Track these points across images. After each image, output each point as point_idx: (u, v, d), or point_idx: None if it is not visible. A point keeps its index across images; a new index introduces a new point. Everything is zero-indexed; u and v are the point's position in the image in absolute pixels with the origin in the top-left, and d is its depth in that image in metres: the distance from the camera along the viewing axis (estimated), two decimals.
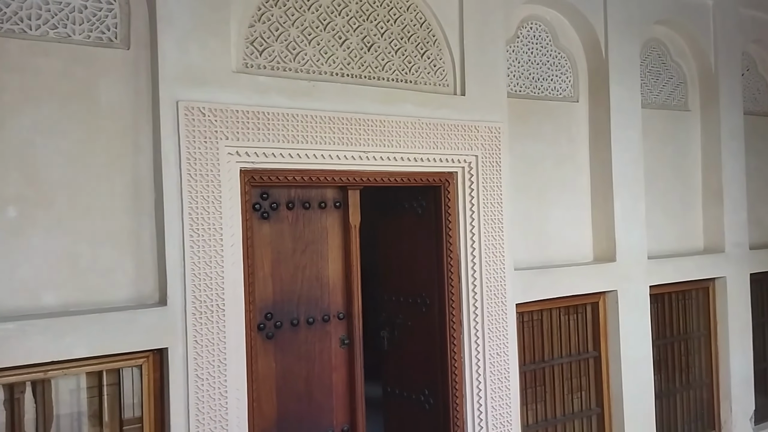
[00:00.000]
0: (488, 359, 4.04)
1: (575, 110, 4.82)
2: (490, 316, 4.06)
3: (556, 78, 4.75)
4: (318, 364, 3.71)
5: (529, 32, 4.63)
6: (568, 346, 4.75)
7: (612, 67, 4.72)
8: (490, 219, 4.08)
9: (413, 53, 3.88)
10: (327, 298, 3.74)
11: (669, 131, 5.37)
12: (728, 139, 5.44)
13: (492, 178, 4.10)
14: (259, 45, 3.36)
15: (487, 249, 4.06)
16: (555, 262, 4.66)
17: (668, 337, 5.27)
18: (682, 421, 5.33)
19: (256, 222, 3.48)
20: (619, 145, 4.75)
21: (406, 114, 3.77)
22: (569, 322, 4.77)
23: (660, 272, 5.02)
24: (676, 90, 5.45)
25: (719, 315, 5.47)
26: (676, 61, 5.42)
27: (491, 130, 4.09)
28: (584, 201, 4.85)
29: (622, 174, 4.76)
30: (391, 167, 3.78)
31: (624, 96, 4.79)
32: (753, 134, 5.81)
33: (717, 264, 5.38)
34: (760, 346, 5.80)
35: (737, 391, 5.44)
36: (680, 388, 5.33)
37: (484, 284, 4.05)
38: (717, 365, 5.47)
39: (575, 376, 4.76)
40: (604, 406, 4.79)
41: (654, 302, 5.08)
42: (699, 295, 5.47)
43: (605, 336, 4.82)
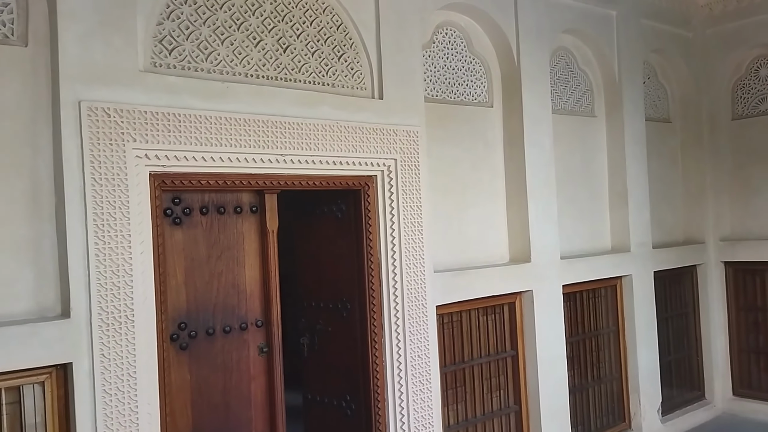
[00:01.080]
0: (410, 362, 4.06)
1: (490, 115, 4.95)
2: (411, 319, 4.08)
3: (471, 83, 4.86)
4: (236, 373, 3.60)
5: (444, 38, 4.72)
6: (486, 346, 4.85)
7: (524, 74, 4.88)
8: (409, 222, 4.11)
9: (330, 56, 3.86)
10: (244, 306, 3.64)
11: (577, 136, 5.61)
12: (631, 143, 5.75)
13: (411, 182, 4.13)
14: (168, 44, 3.24)
15: (407, 252, 4.08)
16: (473, 264, 4.75)
17: (580, 334, 5.49)
18: (595, 415, 5.56)
19: (168, 228, 3.34)
20: (532, 150, 4.92)
21: (324, 117, 3.74)
22: (488, 323, 4.87)
23: (572, 271, 5.22)
24: (584, 97, 5.71)
25: (626, 311, 5.75)
26: (583, 69, 5.68)
27: (409, 134, 4.12)
28: (500, 203, 4.99)
29: (535, 177, 4.92)
30: (310, 171, 3.73)
31: (535, 102, 4.96)
32: (654, 139, 6.17)
33: (623, 263, 5.65)
34: (665, 340, 6.14)
35: (645, 384, 5.73)
36: (592, 382, 5.56)
37: (404, 287, 4.06)
38: (626, 360, 5.74)
39: (494, 376, 4.87)
40: (522, 403, 4.92)
41: (567, 300, 5.28)
42: (608, 292, 5.73)
43: (522, 335, 4.96)
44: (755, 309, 6.42)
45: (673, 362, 6.28)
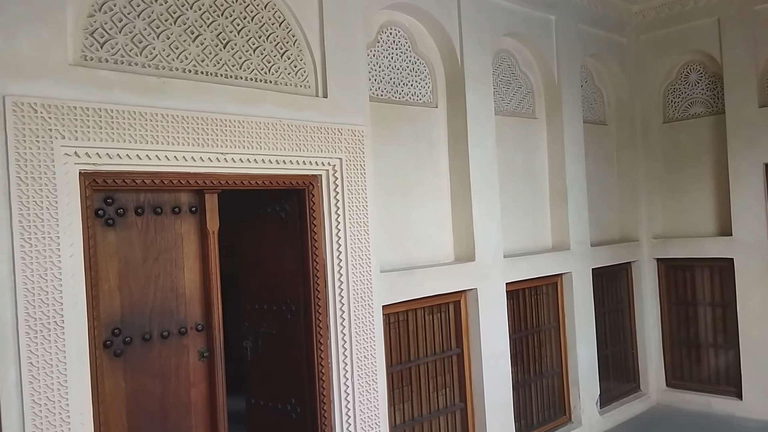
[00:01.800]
0: (356, 363, 4.02)
1: (435, 115, 4.98)
2: (357, 320, 4.05)
3: (416, 83, 4.87)
4: (174, 380, 3.47)
5: (389, 38, 4.71)
6: (432, 344, 4.87)
7: (467, 75, 4.93)
8: (355, 222, 4.07)
9: (272, 53, 3.78)
10: (183, 310, 3.51)
11: (519, 137, 5.71)
12: (570, 144, 5.90)
13: (356, 181, 4.10)
14: (100, 36, 3.09)
15: (353, 252, 4.05)
16: (419, 264, 4.76)
17: (523, 331, 5.59)
18: (537, 409, 5.67)
19: (100, 230, 3.19)
20: (476, 150, 4.97)
21: (267, 115, 3.66)
22: (433, 321, 4.89)
23: (515, 270, 5.31)
24: (525, 99, 5.82)
25: (567, 308, 5.90)
26: (524, 71, 5.79)
27: (354, 133, 4.09)
28: (445, 203, 5.02)
29: (479, 177, 4.98)
30: (252, 170, 3.64)
31: (479, 103, 5.01)
32: (591, 141, 6.36)
33: (564, 260, 5.80)
34: (602, 335, 6.33)
35: (584, 378, 5.89)
36: (534, 377, 5.67)
37: (350, 288, 4.02)
38: (566, 354, 5.89)
39: (440, 374, 4.89)
40: (467, 400, 4.97)
41: (510, 298, 5.36)
42: (549, 289, 5.86)
43: (467, 333, 5.01)
44: (686, 303, 6.71)
45: (610, 356, 6.48)
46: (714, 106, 6.46)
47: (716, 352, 6.52)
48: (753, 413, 6.09)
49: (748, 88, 6.04)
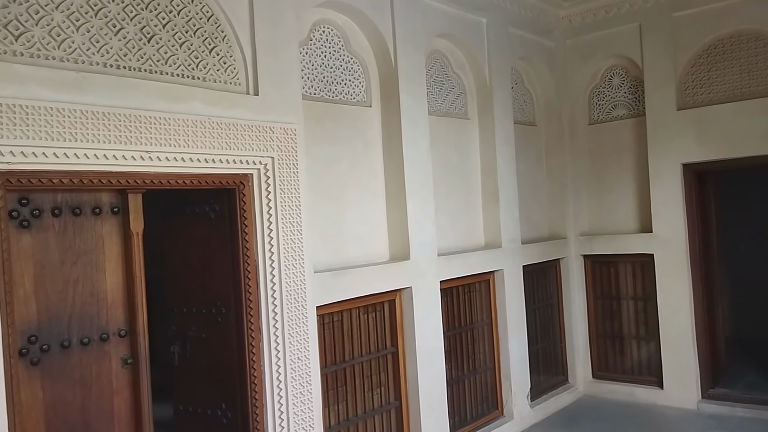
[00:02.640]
0: (289, 365, 3.97)
1: (369, 115, 4.97)
2: (291, 321, 4.00)
3: (349, 82, 4.85)
4: (96, 388, 3.31)
5: (321, 36, 4.67)
6: (367, 344, 4.87)
7: (401, 75, 4.95)
8: (288, 222, 4.02)
9: (200, 48, 3.67)
10: (105, 315, 3.36)
11: (453, 137, 5.79)
12: (502, 145, 6.04)
13: (289, 181, 4.04)
14: (14, 29, 2.91)
15: (286, 253, 3.99)
16: (354, 263, 4.75)
17: (457, 328, 5.67)
18: (470, 405, 5.77)
19: (14, 232, 3.00)
20: (411, 150, 5.00)
21: (195, 112, 3.55)
22: (368, 321, 4.89)
23: (449, 268, 5.38)
24: (458, 99, 5.91)
25: (498, 304, 6.03)
26: (457, 72, 5.88)
27: (287, 132, 4.03)
28: (380, 203, 5.02)
29: (413, 177, 5.01)
30: (179, 168, 3.53)
31: (412, 103, 5.05)
32: (522, 141, 6.53)
33: (496, 258, 5.92)
34: (532, 330, 6.51)
35: (515, 372, 6.04)
36: (468, 373, 5.77)
37: (283, 289, 3.97)
38: (498, 350, 6.02)
39: (375, 373, 4.90)
40: (402, 398, 4.99)
41: (444, 296, 5.43)
42: (482, 287, 5.97)
43: (402, 331, 5.03)
44: (610, 297, 6.99)
45: (540, 350, 6.67)
46: (635, 109, 6.75)
47: (639, 344, 6.83)
48: (673, 401, 6.41)
49: (667, 91, 6.34)
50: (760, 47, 5.94)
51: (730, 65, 6.11)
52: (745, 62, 6.03)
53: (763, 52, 5.93)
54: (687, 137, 6.26)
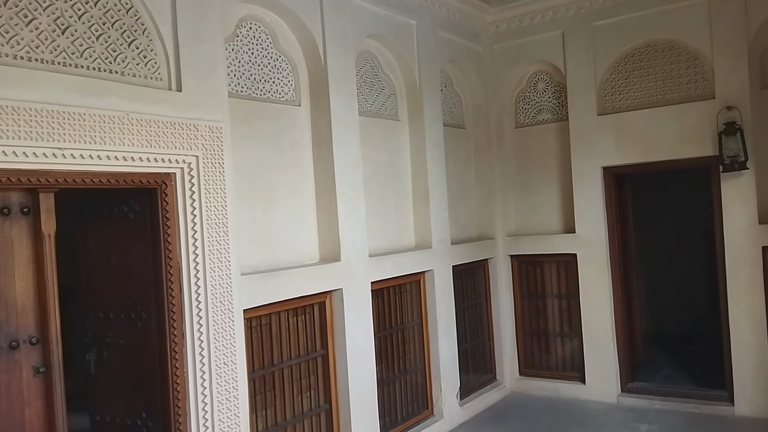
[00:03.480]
0: (215, 370, 3.85)
1: (298, 114, 4.91)
2: (216, 325, 3.88)
3: (278, 81, 4.77)
4: (5, 399, 3.10)
5: (248, 32, 4.57)
6: (297, 347, 4.80)
7: (331, 75, 4.92)
8: (214, 223, 3.90)
9: (119, 41, 3.51)
10: (14, 322, 3.15)
11: (383, 138, 5.81)
12: (432, 147, 6.10)
13: (215, 180, 3.92)
14: None
15: (211, 255, 3.87)
16: (283, 265, 4.67)
17: (388, 329, 5.68)
18: (401, 405, 5.79)
19: None
20: (340, 150, 4.97)
21: (113, 108, 3.39)
22: (298, 324, 4.82)
23: (379, 269, 5.38)
24: (388, 100, 5.93)
25: (429, 304, 6.09)
26: (387, 73, 5.89)
27: (212, 130, 3.92)
28: (310, 203, 4.96)
29: (343, 177, 4.98)
30: (95, 167, 3.36)
31: (343, 103, 5.02)
32: (451, 143, 6.62)
33: (426, 259, 5.97)
34: (462, 329, 6.61)
35: (445, 371, 6.11)
36: (399, 374, 5.79)
37: (209, 292, 3.85)
38: (428, 350, 6.07)
39: (304, 376, 4.83)
40: (332, 401, 4.94)
41: (375, 297, 5.42)
42: (412, 287, 6.01)
43: (332, 334, 4.99)
44: (536, 296, 7.20)
45: (469, 349, 6.78)
46: (559, 114, 6.99)
47: (563, 341, 7.06)
48: (594, 395, 6.66)
49: (588, 97, 6.60)
50: (674, 56, 6.27)
51: (646, 73, 6.42)
52: (660, 71, 6.35)
53: (677, 61, 6.26)
54: (607, 141, 6.53)
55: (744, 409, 5.93)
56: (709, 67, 6.05)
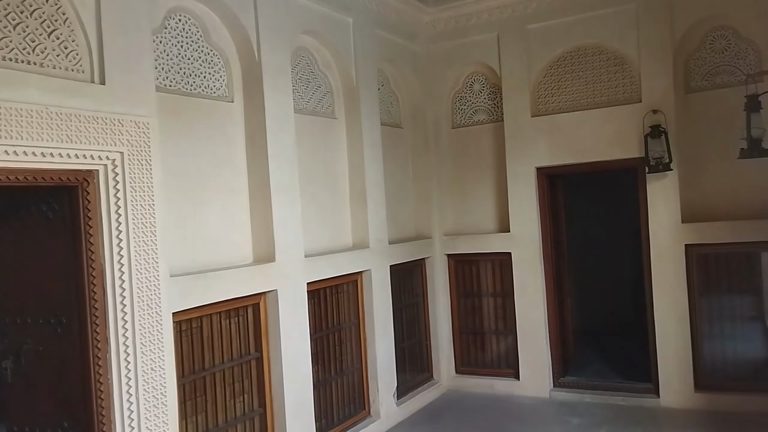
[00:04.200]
0: (141, 376, 3.68)
1: (231, 110, 4.77)
2: (143, 329, 3.71)
3: (209, 75, 4.62)
4: None
5: (178, 24, 4.40)
6: (229, 350, 4.66)
7: (265, 71, 4.80)
8: (140, 223, 3.73)
9: (38, 31, 3.30)
10: None
11: (320, 137, 5.73)
12: (369, 146, 6.07)
13: (142, 178, 3.75)
14: None
15: (137, 256, 3.70)
16: (215, 266, 4.53)
17: (324, 330, 5.61)
18: (338, 407, 5.73)
19: None
20: (275, 149, 4.86)
21: (30, 100, 3.19)
22: (230, 326, 4.68)
23: (316, 269, 5.31)
24: (325, 98, 5.85)
25: (366, 304, 6.05)
26: (323, 71, 5.82)
27: (138, 125, 3.74)
28: (243, 203, 4.84)
29: (278, 176, 4.88)
30: (11, 163, 3.15)
31: (278, 100, 4.91)
32: (389, 143, 6.61)
33: (363, 258, 5.94)
34: (399, 329, 6.61)
35: (382, 372, 6.09)
36: (335, 375, 5.72)
37: (135, 295, 3.67)
38: (365, 350, 6.04)
39: (237, 381, 4.70)
40: (267, 405, 4.83)
41: (311, 298, 5.34)
42: (349, 288, 5.96)
43: (266, 336, 4.88)
44: (472, 295, 7.29)
45: (406, 348, 6.79)
46: (494, 115, 7.10)
47: (498, 338, 7.18)
48: (528, 391, 6.81)
49: (522, 99, 6.73)
50: (603, 61, 6.48)
51: (577, 76, 6.61)
52: (590, 74, 6.55)
53: (606, 66, 6.47)
54: (540, 142, 6.68)
55: (669, 400, 6.19)
56: (637, 72, 6.28)
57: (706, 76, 6.17)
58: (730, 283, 6.14)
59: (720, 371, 6.13)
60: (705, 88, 6.16)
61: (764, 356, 6.04)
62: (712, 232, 6.03)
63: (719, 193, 6.11)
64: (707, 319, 6.17)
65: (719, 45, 6.10)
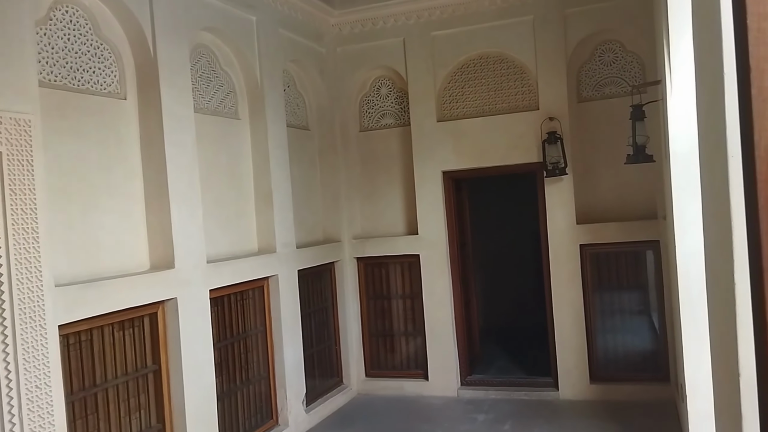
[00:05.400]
0: (25, 395, 3.38)
1: (124, 108, 4.51)
2: (26, 344, 3.41)
3: (99, 71, 4.34)
4: None
5: (64, 16, 4.10)
6: (124, 364, 4.39)
7: (162, 68, 4.58)
8: (21, 228, 3.43)
9: None
10: None
11: (222, 138, 5.53)
12: (275, 148, 5.93)
13: (22, 180, 3.45)
14: None
15: (18, 264, 3.40)
16: (107, 274, 4.25)
17: (229, 338, 5.42)
18: (243, 417, 5.54)
19: None
20: (174, 149, 4.64)
21: None
22: (125, 338, 4.41)
23: (219, 275, 5.11)
24: (227, 98, 5.66)
25: (273, 310, 5.90)
26: (225, 70, 5.63)
27: (19, 123, 3.44)
28: (138, 206, 4.58)
29: (177, 178, 4.65)
30: None
31: (176, 98, 4.69)
32: (295, 145, 6.50)
33: (270, 263, 5.79)
34: (308, 334, 6.51)
35: (291, 379, 5.96)
36: (241, 385, 5.54)
37: (15, 307, 3.37)
38: (273, 358, 5.89)
39: (133, 395, 4.43)
40: (166, 420, 4.58)
41: (214, 305, 5.14)
42: (255, 294, 5.79)
43: (165, 347, 4.63)
44: (382, 297, 7.31)
45: (315, 354, 6.70)
46: (402, 119, 7.17)
47: (407, 340, 7.24)
48: (436, 391, 6.90)
49: (428, 104, 6.83)
50: (504, 69, 6.70)
51: (479, 83, 6.79)
52: (493, 81, 6.75)
53: (507, 74, 6.70)
54: (446, 147, 6.81)
55: (567, 393, 6.48)
56: (534, 81, 6.54)
57: (596, 87, 6.53)
58: (619, 280, 6.53)
59: (612, 363, 6.50)
60: (596, 98, 6.52)
61: (651, 348, 6.46)
62: (603, 233, 6.38)
63: (609, 195, 6.48)
64: (600, 315, 6.52)
65: (608, 58, 6.47)
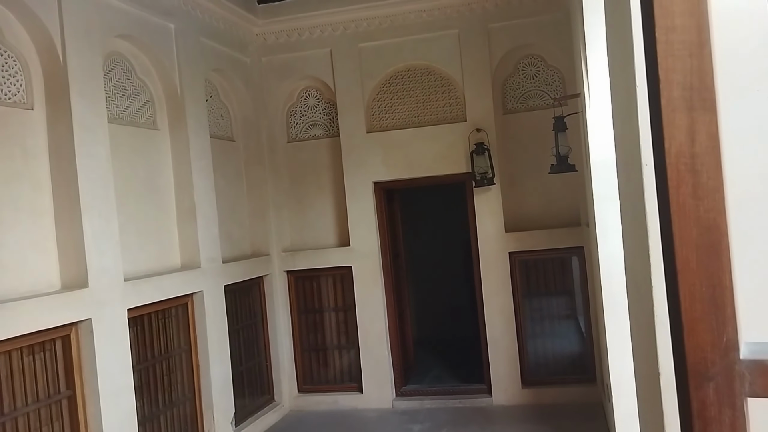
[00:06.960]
0: None
1: (31, 119, 4.24)
2: None
3: (3, 80, 4.06)
4: None
5: None
6: (34, 390, 4.09)
7: (72, 77, 4.34)
8: None
9: None
10: None
11: (140, 149, 5.30)
12: (197, 159, 5.72)
13: None
14: None
15: None
16: (12, 296, 3.95)
17: (150, 360, 5.16)
18: None
19: None
20: (86, 162, 4.40)
21: None
22: (35, 363, 4.12)
23: (138, 294, 4.87)
24: (144, 108, 5.42)
25: (198, 328, 5.67)
26: (142, 78, 5.40)
27: None
28: (47, 223, 4.30)
29: (90, 193, 4.41)
30: None
31: (88, 109, 4.46)
32: (219, 156, 6.30)
33: (194, 279, 5.57)
34: (236, 351, 6.30)
35: (218, 399, 5.73)
36: (164, 408, 5.27)
37: None
38: (198, 378, 5.64)
39: (45, 424, 4.14)
40: None
41: (133, 326, 4.89)
42: (179, 311, 5.55)
43: (80, 371, 4.35)
44: (314, 311, 7.17)
45: (245, 371, 6.49)
46: (330, 130, 7.09)
47: (341, 353, 7.13)
48: (371, 403, 6.82)
49: (357, 115, 6.80)
50: (432, 81, 6.76)
51: (408, 95, 6.82)
52: (421, 93, 6.80)
53: (435, 86, 6.76)
54: (376, 158, 6.78)
55: (501, 399, 6.54)
56: (461, 93, 6.63)
57: (520, 99, 6.68)
58: (547, 286, 6.67)
59: (542, 367, 6.61)
60: (520, 110, 6.67)
61: (578, 350, 6.62)
62: (530, 240, 6.51)
63: (536, 204, 6.62)
64: (530, 320, 6.64)
65: (530, 71, 6.64)
